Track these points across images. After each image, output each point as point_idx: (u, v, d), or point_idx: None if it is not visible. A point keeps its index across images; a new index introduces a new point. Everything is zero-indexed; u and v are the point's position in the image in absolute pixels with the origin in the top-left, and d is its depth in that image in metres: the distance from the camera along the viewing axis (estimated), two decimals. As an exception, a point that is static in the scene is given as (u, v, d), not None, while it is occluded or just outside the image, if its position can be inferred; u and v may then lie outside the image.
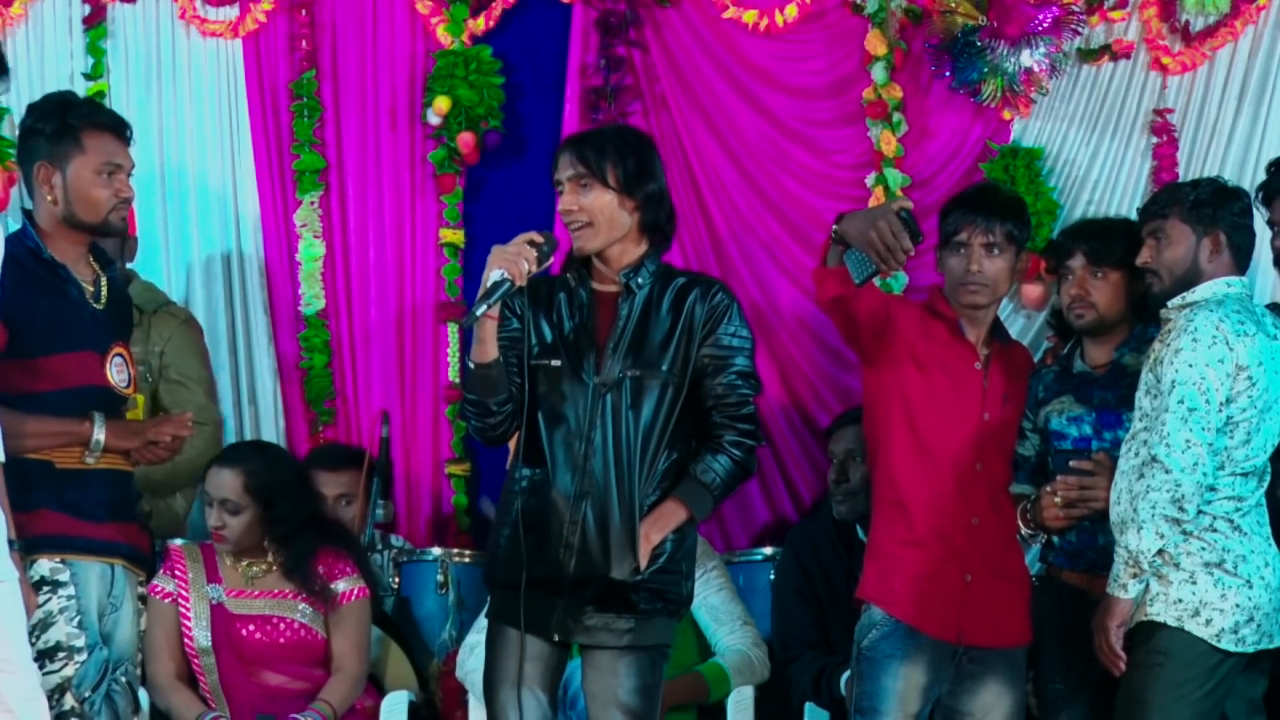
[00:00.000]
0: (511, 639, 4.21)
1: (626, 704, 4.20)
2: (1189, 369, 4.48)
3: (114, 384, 4.64)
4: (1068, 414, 4.91)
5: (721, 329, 4.25)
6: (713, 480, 4.23)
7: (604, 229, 4.25)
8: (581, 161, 4.26)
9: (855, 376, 6.43)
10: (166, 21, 6.56)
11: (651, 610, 4.21)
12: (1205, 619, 4.49)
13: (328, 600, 5.29)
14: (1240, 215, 4.73)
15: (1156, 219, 4.74)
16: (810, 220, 6.41)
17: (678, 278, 4.35)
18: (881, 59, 6.38)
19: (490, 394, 4.16)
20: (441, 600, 5.81)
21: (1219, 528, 4.54)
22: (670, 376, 4.21)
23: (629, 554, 4.15)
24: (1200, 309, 4.57)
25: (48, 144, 4.62)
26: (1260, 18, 6.27)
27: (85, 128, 4.62)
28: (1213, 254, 4.67)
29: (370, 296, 6.54)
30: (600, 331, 4.25)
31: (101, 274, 4.71)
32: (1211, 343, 4.50)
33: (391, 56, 6.55)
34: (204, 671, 5.27)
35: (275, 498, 5.25)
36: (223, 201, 6.55)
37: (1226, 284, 4.65)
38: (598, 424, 4.18)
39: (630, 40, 6.48)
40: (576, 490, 4.17)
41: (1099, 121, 6.37)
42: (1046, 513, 4.76)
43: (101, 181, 4.60)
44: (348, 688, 5.28)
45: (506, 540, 4.25)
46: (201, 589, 5.30)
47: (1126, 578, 4.50)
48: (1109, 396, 4.88)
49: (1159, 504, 4.44)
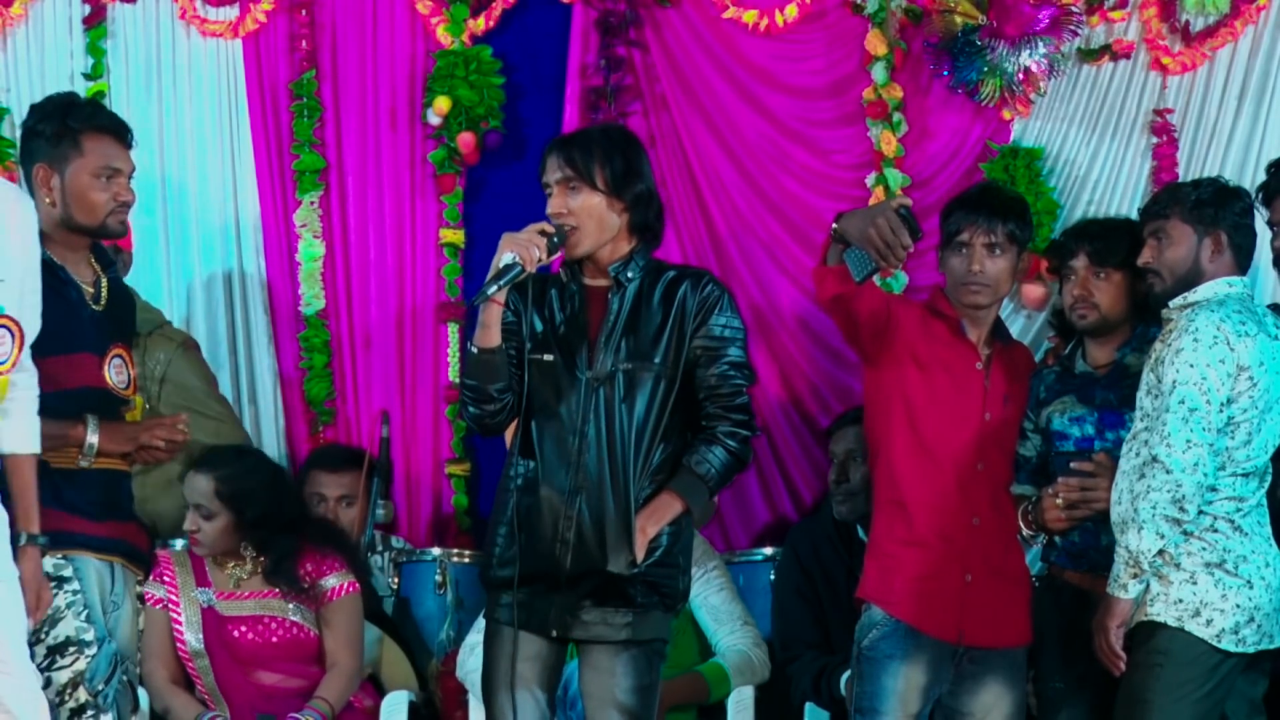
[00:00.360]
0: (508, 637, 4.21)
1: (624, 703, 4.20)
2: (1190, 369, 4.48)
3: (113, 385, 4.63)
4: (1070, 414, 4.91)
5: (713, 319, 4.25)
6: (707, 471, 4.23)
7: (593, 231, 4.26)
8: (569, 164, 4.26)
9: (855, 376, 6.43)
10: (166, 21, 6.56)
11: (648, 604, 4.21)
12: (1206, 619, 4.49)
13: (317, 597, 5.29)
14: (1242, 215, 4.73)
15: (1158, 219, 4.74)
16: (810, 220, 6.41)
17: (667, 271, 4.35)
18: (881, 59, 6.38)
19: (490, 380, 4.17)
20: (441, 600, 5.81)
21: (1220, 528, 4.54)
22: (663, 369, 4.21)
23: (625, 547, 4.15)
24: (1202, 309, 4.57)
25: (47, 146, 4.61)
26: (1260, 18, 6.27)
27: (85, 130, 4.61)
28: (1214, 254, 4.67)
29: (370, 297, 6.54)
30: (592, 326, 4.25)
31: (102, 275, 4.70)
32: (1213, 343, 4.50)
33: (391, 56, 6.55)
34: (199, 674, 5.28)
35: (247, 503, 5.24)
36: (223, 202, 6.54)
37: (1228, 284, 4.65)
38: (591, 418, 4.18)
39: (630, 40, 6.48)
40: (571, 485, 4.18)
41: (1099, 121, 6.37)
42: (1048, 514, 4.76)
43: (99, 185, 4.59)
44: (343, 684, 5.28)
45: (503, 538, 4.25)
46: (191, 593, 5.30)
47: (1127, 578, 4.50)
48: (1111, 396, 4.88)
49: (1160, 504, 4.44)
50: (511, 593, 4.19)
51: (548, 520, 4.19)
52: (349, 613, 5.33)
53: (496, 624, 4.28)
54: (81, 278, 4.64)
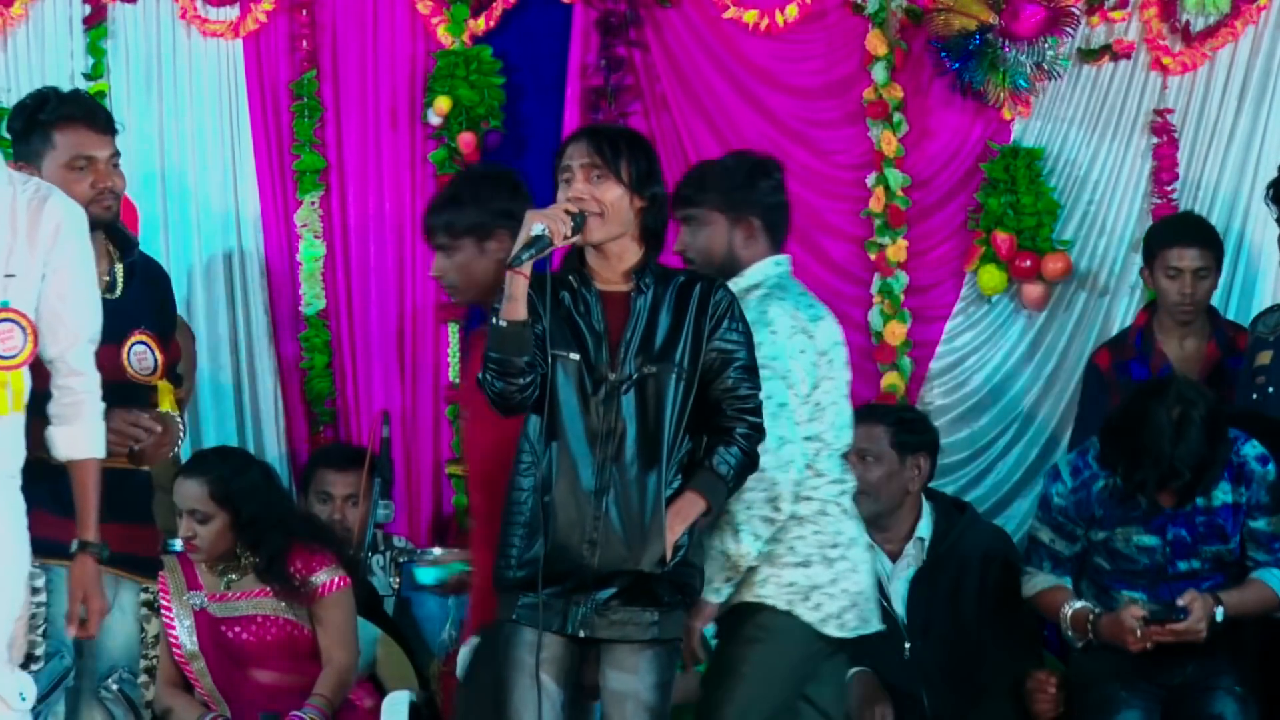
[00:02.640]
0: (528, 639, 4.21)
1: (646, 701, 4.22)
2: (774, 363, 4.37)
3: (133, 373, 4.53)
4: (1136, 542, 4.95)
5: (726, 325, 4.28)
6: (727, 472, 4.25)
7: (611, 221, 4.27)
8: (597, 152, 4.28)
9: (855, 377, 6.37)
10: (167, 21, 6.56)
11: (673, 603, 4.25)
12: (815, 603, 4.42)
13: (308, 594, 5.29)
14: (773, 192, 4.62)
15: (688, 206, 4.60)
16: (810, 220, 6.41)
17: (677, 275, 4.38)
18: (882, 59, 6.38)
19: (519, 352, 4.15)
20: (441, 600, 5.81)
21: (830, 511, 4.46)
22: (683, 370, 4.24)
23: (656, 546, 4.18)
24: (771, 298, 4.47)
25: (22, 144, 4.55)
26: (1260, 18, 6.28)
27: (55, 122, 4.50)
28: (747, 239, 4.56)
29: (371, 297, 6.54)
30: (612, 329, 4.27)
31: (119, 261, 4.60)
32: (791, 333, 4.44)
33: (392, 56, 6.56)
34: (197, 676, 5.27)
35: (241, 502, 5.24)
36: (223, 201, 6.55)
37: (775, 263, 4.56)
38: (618, 419, 4.20)
39: (630, 40, 6.48)
40: (598, 485, 4.18)
41: (1099, 121, 6.37)
42: (1131, 642, 4.78)
43: (75, 176, 4.47)
44: (339, 679, 5.28)
45: (520, 539, 4.24)
46: (183, 597, 5.30)
47: (720, 581, 4.40)
48: (1184, 533, 4.92)
49: (755, 504, 4.35)
50: (532, 594, 4.19)
51: (574, 520, 4.19)
52: (341, 608, 5.33)
53: (513, 625, 4.27)
54: None
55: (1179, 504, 4.86)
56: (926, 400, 6.43)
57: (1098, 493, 4.98)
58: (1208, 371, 5.78)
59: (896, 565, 5.41)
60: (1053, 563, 5.03)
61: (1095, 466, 5.00)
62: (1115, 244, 6.36)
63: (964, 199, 6.43)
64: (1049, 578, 5.03)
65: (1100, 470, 4.98)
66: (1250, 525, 4.90)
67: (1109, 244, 6.37)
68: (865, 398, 6.34)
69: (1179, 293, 5.74)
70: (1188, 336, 5.85)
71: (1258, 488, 4.90)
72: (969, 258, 6.39)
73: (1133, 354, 5.87)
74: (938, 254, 6.47)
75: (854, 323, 6.44)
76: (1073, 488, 5.01)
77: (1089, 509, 4.98)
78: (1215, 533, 4.90)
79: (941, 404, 6.44)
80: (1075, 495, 5.00)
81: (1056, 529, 5.03)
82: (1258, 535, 4.90)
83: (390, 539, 6.07)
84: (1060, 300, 6.39)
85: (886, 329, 6.39)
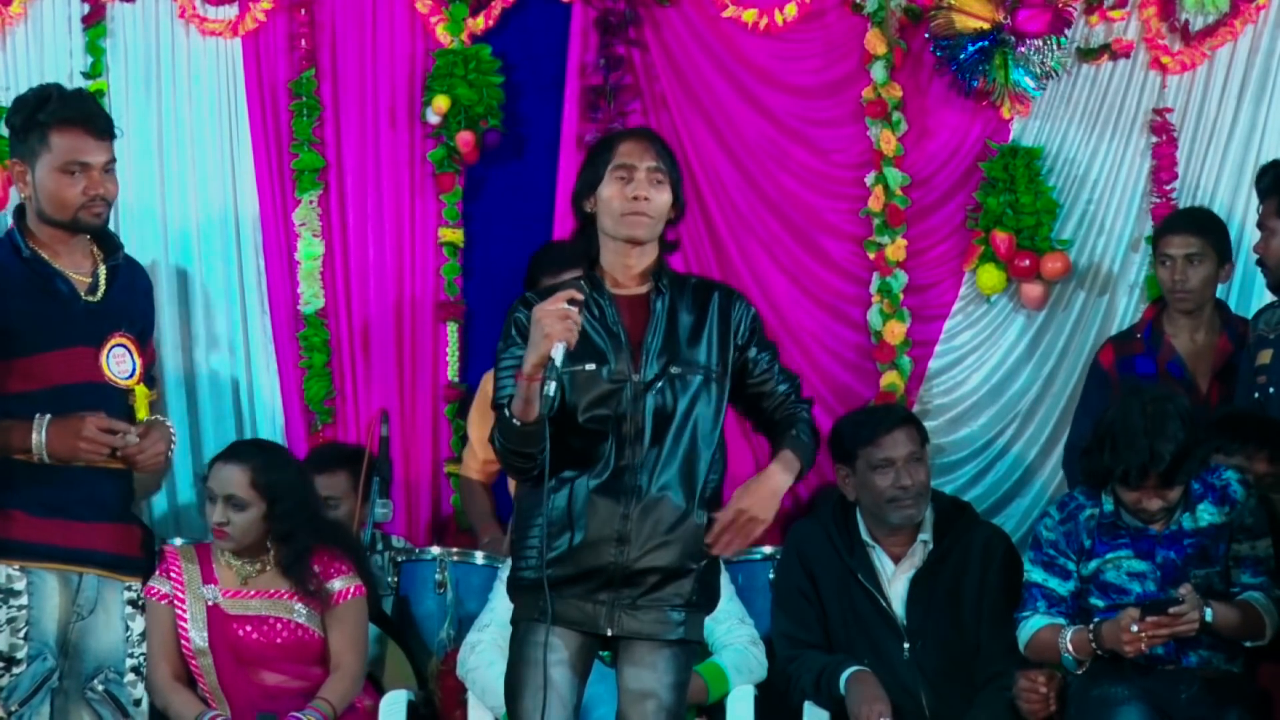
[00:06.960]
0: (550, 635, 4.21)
1: (664, 700, 4.25)
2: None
3: (112, 376, 4.51)
4: (1127, 569, 4.97)
5: (759, 331, 4.35)
6: (808, 440, 4.31)
7: (658, 224, 4.31)
8: (661, 158, 4.31)
9: (854, 376, 6.44)
10: (166, 20, 6.56)
11: (700, 603, 4.28)
12: None
13: (324, 599, 5.29)
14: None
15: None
16: (810, 220, 6.42)
17: (689, 279, 4.42)
18: (881, 58, 6.38)
19: (532, 446, 4.17)
20: (440, 600, 5.81)
21: None
22: (709, 370, 4.25)
23: (692, 543, 4.20)
24: None
25: (19, 141, 4.52)
26: (1260, 17, 6.28)
27: (52, 124, 4.48)
28: None
29: (370, 296, 6.54)
30: (632, 332, 4.28)
31: (103, 264, 4.60)
32: None
33: (391, 55, 6.55)
34: (202, 672, 5.27)
35: (280, 494, 5.25)
36: (222, 200, 6.54)
37: None
38: (647, 420, 4.20)
39: (630, 39, 6.48)
40: (629, 485, 4.19)
41: (1099, 121, 6.38)
42: (1128, 645, 4.80)
43: (67, 181, 4.47)
44: (346, 686, 5.28)
45: (539, 539, 4.23)
46: (197, 590, 5.29)
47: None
48: (1173, 555, 4.95)
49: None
50: (560, 591, 4.20)
51: (603, 519, 4.20)
52: (355, 616, 5.33)
53: (533, 623, 4.26)
54: (76, 269, 4.53)
55: (1165, 506, 4.92)
56: (925, 399, 6.43)
57: (1084, 521, 5.04)
58: (1220, 364, 5.79)
59: (898, 566, 5.42)
60: (1047, 603, 5.04)
61: (1082, 498, 5.09)
62: (1114, 243, 6.37)
63: (963, 198, 6.43)
64: (1042, 619, 5.04)
65: (1086, 500, 5.06)
66: (1235, 549, 4.97)
67: (1108, 243, 6.37)
68: (865, 397, 6.35)
69: (1171, 279, 5.81)
70: (1199, 329, 5.87)
71: (1241, 508, 4.97)
72: (968, 257, 6.39)
73: (1139, 349, 5.88)
74: (937, 253, 6.47)
75: (853, 322, 6.45)
76: (1060, 519, 5.08)
77: (1078, 540, 5.03)
78: (1202, 554, 4.94)
79: (941, 403, 6.44)
80: (1064, 527, 5.06)
81: (1048, 567, 5.06)
82: (1243, 560, 4.97)
83: (389, 539, 6.07)
84: (1059, 299, 6.39)
85: (886, 328, 6.39)
